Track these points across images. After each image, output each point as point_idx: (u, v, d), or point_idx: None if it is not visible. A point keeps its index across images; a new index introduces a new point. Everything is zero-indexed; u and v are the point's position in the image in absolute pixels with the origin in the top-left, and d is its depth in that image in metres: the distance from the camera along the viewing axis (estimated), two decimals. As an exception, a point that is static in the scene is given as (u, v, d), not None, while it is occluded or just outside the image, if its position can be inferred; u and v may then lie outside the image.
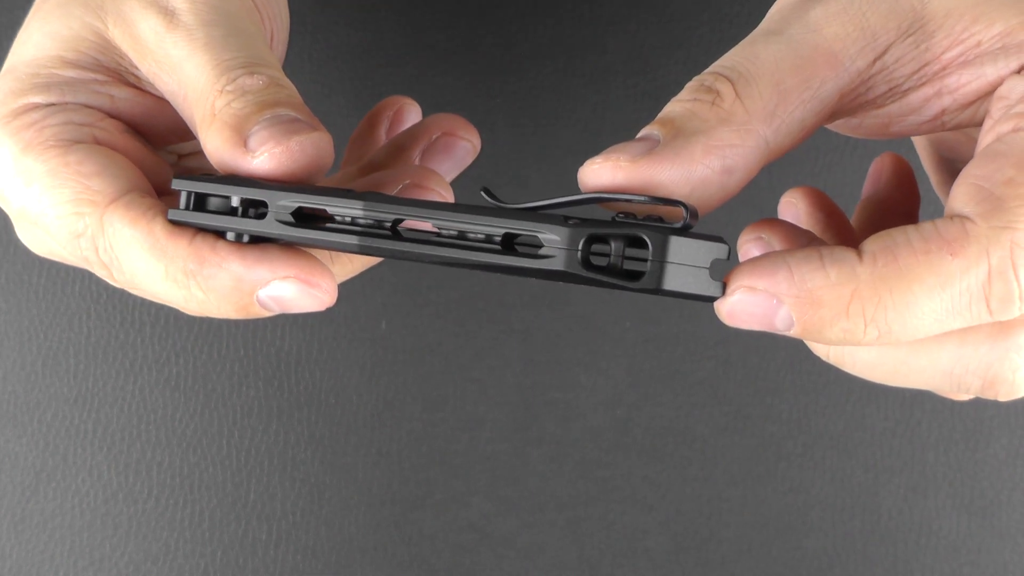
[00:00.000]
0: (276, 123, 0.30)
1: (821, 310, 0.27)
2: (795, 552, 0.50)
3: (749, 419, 0.50)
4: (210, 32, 0.31)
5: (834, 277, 0.26)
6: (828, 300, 0.26)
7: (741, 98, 0.29)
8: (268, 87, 0.31)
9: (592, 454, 0.50)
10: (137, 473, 0.50)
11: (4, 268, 0.50)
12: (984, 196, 0.27)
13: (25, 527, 0.50)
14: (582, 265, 0.27)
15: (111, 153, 0.32)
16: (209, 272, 0.30)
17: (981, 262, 0.26)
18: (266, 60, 0.32)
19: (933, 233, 0.27)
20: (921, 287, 0.26)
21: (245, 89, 0.30)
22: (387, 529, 0.50)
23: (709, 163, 0.29)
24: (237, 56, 0.31)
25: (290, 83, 0.32)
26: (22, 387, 0.50)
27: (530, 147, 0.50)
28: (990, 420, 0.50)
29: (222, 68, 0.31)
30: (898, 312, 0.26)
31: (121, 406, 0.50)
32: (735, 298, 0.28)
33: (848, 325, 0.27)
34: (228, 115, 0.30)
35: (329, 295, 0.31)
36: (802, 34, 0.30)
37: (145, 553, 0.50)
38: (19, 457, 0.50)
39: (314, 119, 0.31)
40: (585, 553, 0.50)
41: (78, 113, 0.33)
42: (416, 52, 0.50)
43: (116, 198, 0.31)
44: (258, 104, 0.30)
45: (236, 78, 0.31)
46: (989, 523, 0.50)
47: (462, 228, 0.29)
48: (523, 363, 0.50)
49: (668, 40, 0.50)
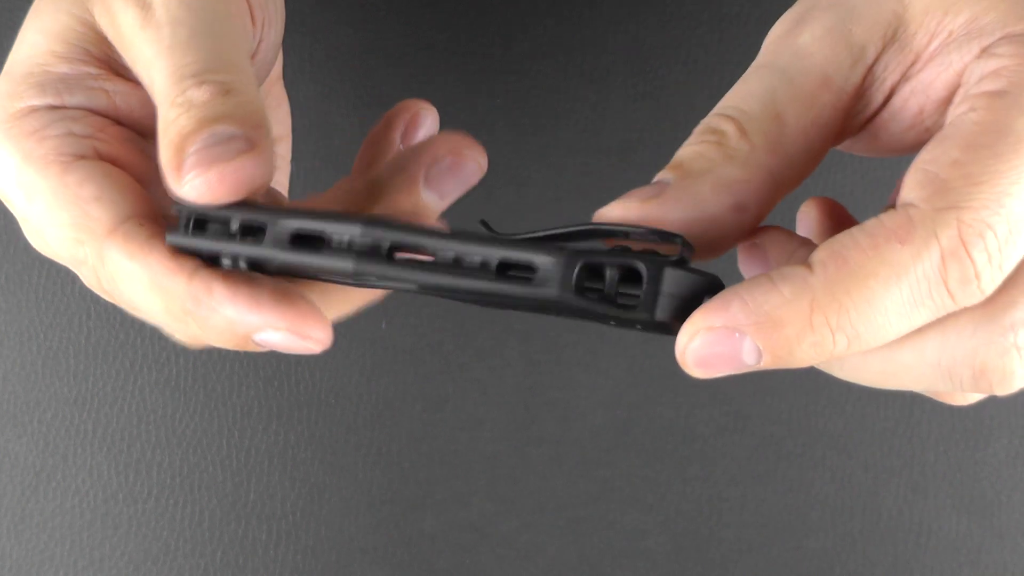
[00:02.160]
0: (209, 145, 0.29)
1: (784, 330, 0.26)
2: (795, 552, 0.50)
3: (749, 419, 0.50)
4: (175, 32, 0.31)
5: (788, 293, 0.26)
6: (788, 318, 0.26)
7: (745, 134, 0.29)
8: (213, 99, 0.29)
9: (592, 454, 0.50)
10: (137, 473, 0.50)
11: (4, 268, 0.50)
12: (929, 180, 0.27)
13: (25, 527, 0.50)
14: (575, 293, 0.27)
15: (112, 172, 0.32)
16: (204, 314, 0.30)
17: (931, 245, 0.26)
18: (225, 63, 0.31)
19: (878, 227, 0.26)
20: (877, 282, 0.26)
21: (192, 103, 0.29)
22: (387, 529, 0.50)
23: (719, 201, 0.29)
24: (194, 62, 0.30)
25: (247, 86, 0.30)
26: (22, 387, 0.50)
27: (530, 147, 0.50)
28: (990, 420, 0.50)
29: (177, 76, 0.30)
30: (861, 313, 0.26)
31: (121, 406, 0.50)
32: (696, 343, 0.27)
33: (815, 339, 0.26)
34: (173, 132, 0.30)
35: (321, 344, 0.30)
36: (794, 62, 0.30)
37: (145, 553, 0.50)
38: (19, 457, 0.50)
39: (258, 130, 0.29)
40: (585, 553, 0.50)
41: (79, 122, 0.32)
42: (416, 52, 0.50)
43: (115, 227, 0.30)
44: (199, 121, 0.29)
45: (186, 89, 0.30)
46: (989, 523, 0.50)
47: (458, 253, 0.29)
48: (523, 363, 0.50)
49: (668, 40, 0.50)
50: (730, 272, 0.30)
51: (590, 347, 0.50)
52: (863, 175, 0.50)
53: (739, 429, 0.50)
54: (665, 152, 0.50)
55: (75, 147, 0.32)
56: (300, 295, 0.30)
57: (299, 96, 0.44)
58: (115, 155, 0.32)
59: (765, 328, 0.26)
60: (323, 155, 0.50)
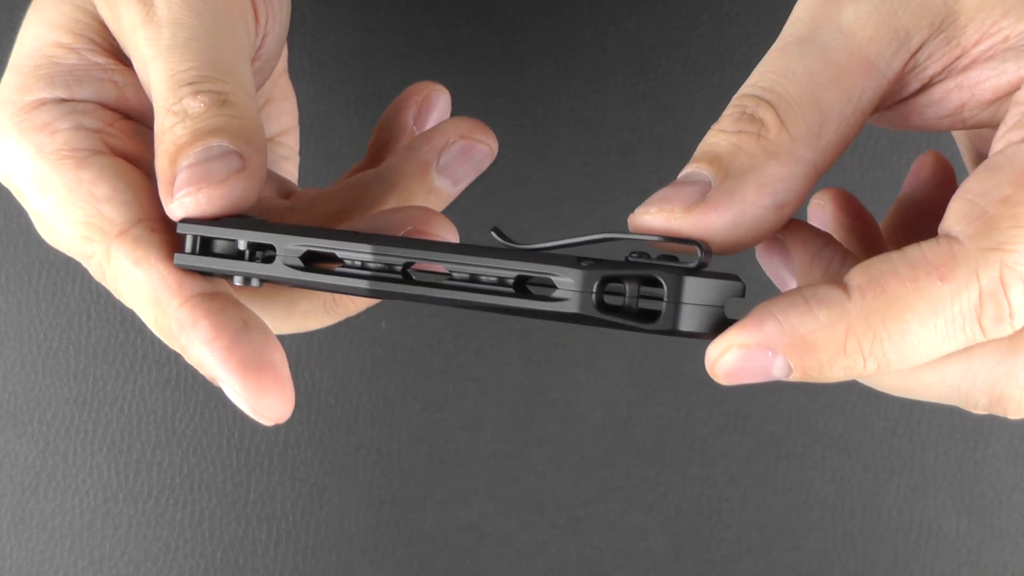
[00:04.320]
0: (201, 161, 0.29)
1: (818, 353, 0.26)
2: (795, 552, 0.50)
3: (749, 419, 0.50)
4: (175, 34, 0.30)
5: (824, 318, 0.26)
6: (823, 342, 0.26)
7: (786, 125, 0.28)
8: (208, 111, 0.29)
9: (592, 454, 0.50)
10: (137, 473, 0.50)
11: (4, 268, 0.50)
12: (977, 215, 0.26)
13: (25, 527, 0.50)
14: (597, 308, 0.27)
15: (125, 170, 0.31)
16: (183, 343, 0.30)
17: (972, 286, 0.26)
18: (223, 70, 0.30)
19: (920, 258, 0.26)
20: (913, 315, 0.26)
21: (187, 112, 0.29)
22: (387, 529, 0.50)
23: (762, 202, 0.28)
24: (192, 67, 0.30)
25: (243, 95, 0.30)
26: (22, 387, 0.50)
27: (530, 147, 0.50)
28: (990, 420, 0.50)
29: (173, 82, 0.30)
30: (894, 343, 0.26)
31: (121, 406, 0.50)
32: (728, 358, 0.27)
33: (847, 363, 0.26)
34: (168, 142, 0.30)
35: (271, 422, 0.30)
36: (836, 40, 0.28)
37: (145, 553, 0.50)
38: (19, 457, 0.50)
39: (251, 145, 0.29)
40: (585, 553, 0.50)
41: (89, 116, 0.32)
42: (416, 52, 0.50)
43: (125, 230, 0.30)
44: (193, 133, 0.29)
45: (182, 97, 0.30)
46: (989, 523, 0.50)
47: (474, 271, 0.28)
48: (523, 363, 0.50)
49: (668, 40, 0.50)
50: (739, 264, 0.30)
51: (590, 347, 0.50)
52: (863, 174, 0.50)
53: (739, 429, 0.50)
54: (665, 152, 0.50)
55: (87, 142, 0.32)
56: (278, 368, 0.30)
57: (300, 95, 0.44)
58: (126, 150, 0.32)
59: (799, 350, 0.26)
60: (324, 154, 0.50)
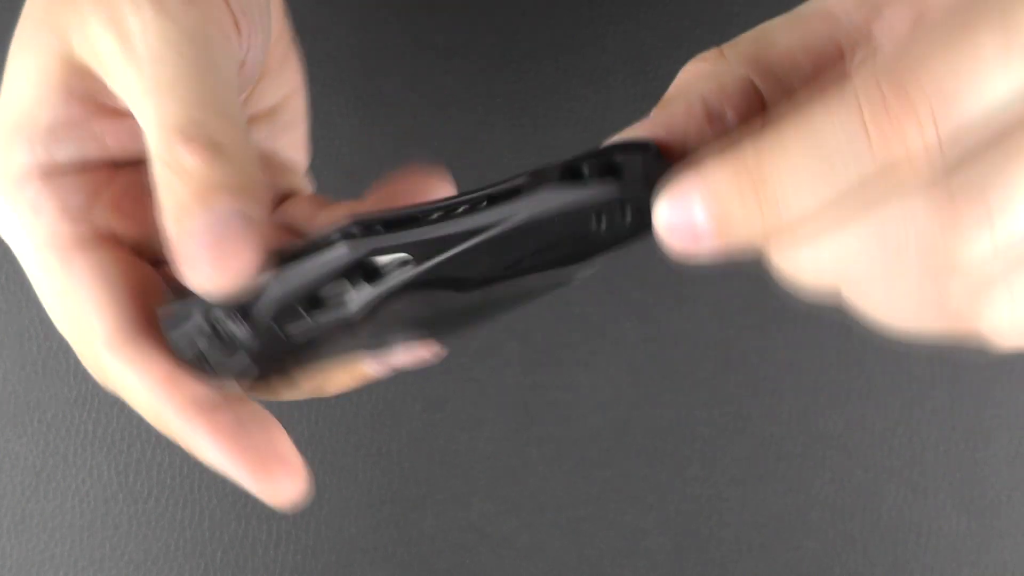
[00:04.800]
0: (210, 232, 0.29)
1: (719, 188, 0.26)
2: (795, 552, 0.50)
3: (749, 419, 0.50)
4: (158, 72, 0.30)
5: (723, 153, 0.26)
6: (720, 177, 0.26)
7: (723, 54, 0.30)
8: (205, 165, 0.29)
9: (592, 454, 0.50)
10: (137, 473, 0.50)
11: (4, 268, 0.50)
12: (870, 59, 0.26)
13: (25, 527, 0.50)
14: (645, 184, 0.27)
15: (110, 267, 0.32)
16: (187, 444, 0.31)
17: (857, 93, 0.24)
18: (213, 110, 0.30)
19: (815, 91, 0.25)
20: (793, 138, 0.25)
21: (183, 167, 0.29)
22: (387, 529, 0.50)
23: (692, 114, 0.29)
24: (179, 111, 0.29)
25: (236, 136, 0.30)
26: (22, 387, 0.50)
27: (530, 147, 0.50)
28: (990, 420, 0.50)
29: (164, 129, 0.29)
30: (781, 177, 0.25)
31: (121, 406, 0.50)
32: (662, 212, 0.27)
33: (743, 205, 0.25)
34: (171, 203, 0.29)
35: (287, 504, 0.32)
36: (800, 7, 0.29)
37: (145, 553, 0.50)
38: (19, 457, 0.50)
39: (254, 197, 0.29)
40: (585, 553, 0.50)
41: (74, 190, 0.32)
42: (416, 52, 0.50)
43: (111, 337, 0.31)
44: (194, 194, 0.29)
45: (175, 147, 0.29)
46: (989, 523, 0.50)
47: (444, 211, 0.29)
48: (523, 363, 0.50)
49: (668, 40, 0.50)
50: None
51: (590, 347, 0.50)
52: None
53: (739, 429, 0.50)
54: (665, 152, 0.50)
55: (72, 227, 0.32)
56: (283, 456, 0.31)
57: (299, 96, 0.44)
58: (115, 222, 0.32)
59: (705, 188, 0.26)
60: (323, 154, 0.50)
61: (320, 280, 0.29)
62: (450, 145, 0.50)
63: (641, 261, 0.50)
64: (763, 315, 0.50)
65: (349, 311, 0.29)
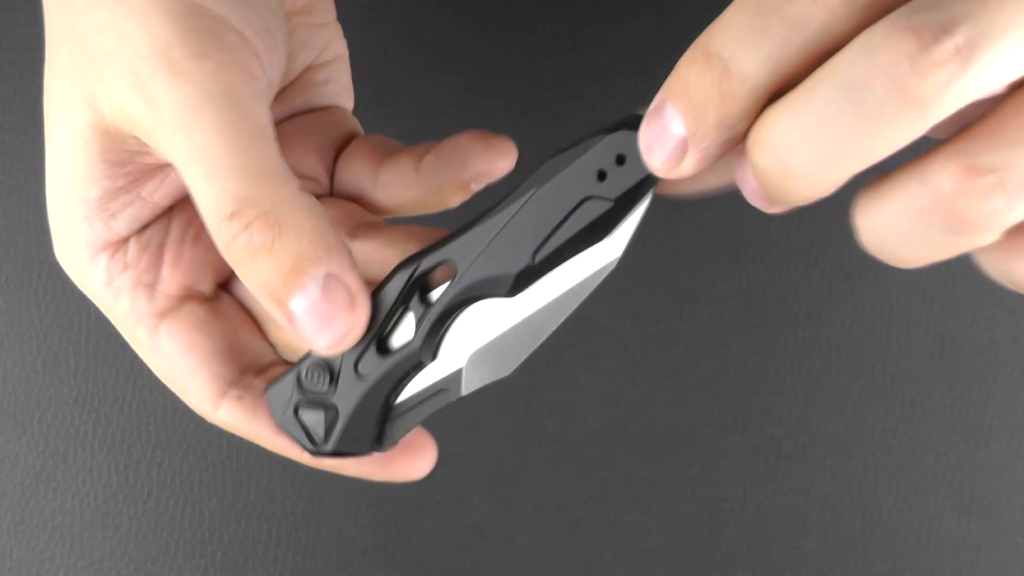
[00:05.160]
0: (312, 304, 0.29)
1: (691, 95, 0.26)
2: (795, 552, 0.50)
3: (749, 419, 0.50)
4: (191, 141, 0.29)
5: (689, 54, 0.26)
6: (678, 73, 0.27)
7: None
8: (273, 243, 0.29)
9: (592, 454, 0.50)
10: (137, 473, 0.50)
11: (4, 268, 0.50)
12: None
13: (25, 527, 0.50)
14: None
15: (192, 329, 0.33)
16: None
17: None
18: (258, 176, 0.29)
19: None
20: (730, 10, 0.26)
21: (252, 247, 0.29)
22: (387, 529, 0.50)
23: None
24: (225, 188, 0.29)
25: (287, 194, 0.30)
26: (22, 387, 0.50)
27: (530, 147, 0.50)
28: (990, 420, 0.50)
29: (216, 213, 0.29)
30: (725, 44, 0.26)
31: (121, 406, 0.50)
32: (643, 129, 0.28)
33: (700, 85, 0.26)
34: (258, 286, 0.30)
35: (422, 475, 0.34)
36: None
37: (145, 553, 0.50)
38: (19, 457, 0.50)
39: (331, 248, 0.29)
40: (585, 553, 0.50)
41: (140, 263, 0.33)
42: (416, 52, 0.50)
43: (216, 403, 0.33)
44: (280, 278, 0.29)
45: (235, 232, 0.29)
46: (989, 523, 0.50)
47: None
48: (523, 363, 0.50)
49: (668, 40, 0.50)
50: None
51: (590, 347, 0.50)
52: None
53: (739, 429, 0.50)
54: (665, 152, 0.50)
55: (149, 303, 0.33)
56: (414, 448, 0.34)
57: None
58: (181, 270, 0.33)
59: (667, 90, 0.27)
60: (323, 155, 0.50)
61: (381, 314, 0.31)
62: (450, 145, 0.50)
63: (641, 261, 0.50)
64: (763, 315, 0.50)
65: (412, 342, 0.31)
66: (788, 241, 0.50)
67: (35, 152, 0.49)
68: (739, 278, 0.50)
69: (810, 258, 0.50)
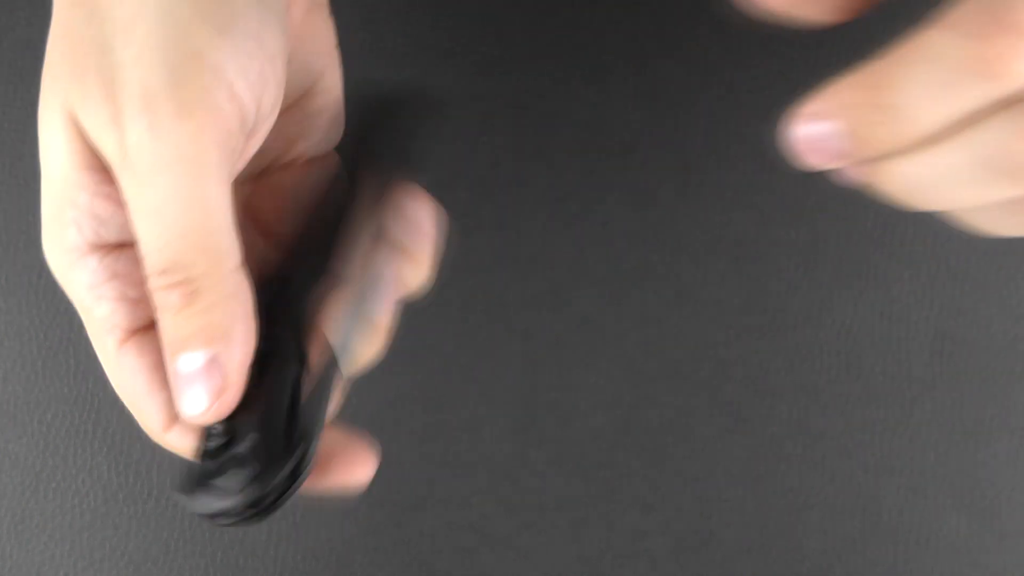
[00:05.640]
0: (188, 375, 0.32)
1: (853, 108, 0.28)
2: (795, 552, 0.50)
3: (749, 420, 0.50)
4: (148, 195, 0.31)
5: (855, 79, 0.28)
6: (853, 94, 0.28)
7: None
8: (185, 307, 0.31)
9: (592, 454, 0.50)
10: (137, 473, 0.50)
11: (4, 268, 0.50)
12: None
13: (25, 527, 0.50)
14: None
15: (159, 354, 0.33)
16: None
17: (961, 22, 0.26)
18: (195, 244, 0.31)
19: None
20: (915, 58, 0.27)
21: (167, 305, 0.32)
22: (387, 529, 0.50)
23: None
24: (164, 246, 0.31)
25: (215, 272, 0.32)
26: (22, 387, 0.50)
27: (530, 147, 0.50)
28: (990, 420, 0.50)
29: (150, 265, 0.31)
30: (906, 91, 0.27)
31: (121, 406, 0.50)
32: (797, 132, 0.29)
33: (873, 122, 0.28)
34: (162, 336, 0.32)
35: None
36: None
37: (145, 553, 0.50)
38: (19, 457, 0.50)
39: (225, 342, 0.32)
40: (585, 553, 0.50)
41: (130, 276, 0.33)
42: (416, 52, 0.50)
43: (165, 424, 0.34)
44: (176, 338, 0.32)
45: (158, 288, 0.31)
46: (989, 523, 0.50)
47: None
48: (523, 363, 0.50)
49: (668, 40, 0.50)
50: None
51: (590, 347, 0.50)
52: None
53: (739, 430, 0.50)
54: (665, 152, 0.50)
55: (129, 318, 0.33)
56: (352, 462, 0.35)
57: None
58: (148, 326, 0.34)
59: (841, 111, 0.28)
60: (323, 155, 0.50)
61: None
62: (450, 145, 0.50)
63: (641, 261, 0.50)
64: (763, 316, 0.50)
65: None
66: (788, 241, 0.50)
67: (35, 152, 0.49)
68: (739, 278, 0.50)
69: (810, 258, 0.50)
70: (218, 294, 0.31)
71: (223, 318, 0.32)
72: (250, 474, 0.31)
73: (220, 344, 0.32)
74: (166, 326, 0.32)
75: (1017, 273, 0.50)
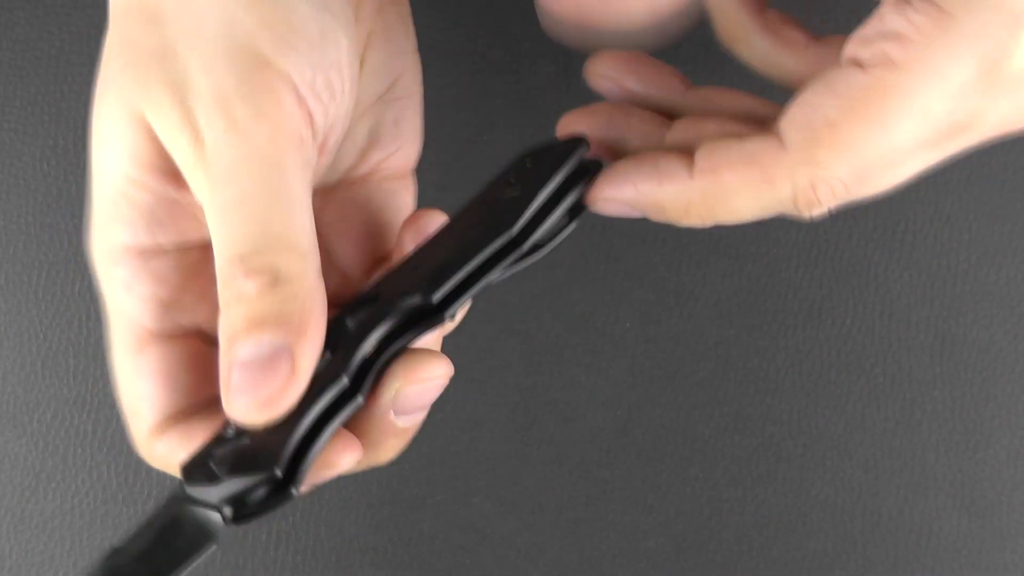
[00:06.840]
0: (251, 364, 0.29)
1: (666, 213, 0.33)
2: (795, 552, 0.50)
3: (749, 420, 0.50)
4: (228, 193, 0.29)
5: (672, 192, 0.33)
6: (669, 207, 0.33)
7: None
8: (260, 296, 0.29)
9: (592, 454, 0.50)
10: (137, 473, 0.50)
11: (4, 268, 0.50)
12: (805, 129, 0.31)
13: (25, 527, 0.50)
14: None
15: (178, 363, 0.33)
16: None
17: (788, 187, 0.31)
18: (276, 235, 0.29)
19: (753, 157, 0.32)
20: (740, 200, 0.32)
21: (241, 295, 0.29)
22: (387, 529, 0.50)
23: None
24: (246, 238, 0.29)
25: (299, 266, 0.30)
26: (22, 387, 0.50)
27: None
28: (990, 420, 0.50)
29: (228, 253, 0.30)
30: (725, 212, 0.33)
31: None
32: (600, 206, 0.34)
33: (690, 220, 0.33)
34: (227, 326, 0.30)
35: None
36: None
37: (145, 553, 0.50)
38: (19, 457, 0.50)
39: (301, 334, 0.29)
40: (585, 553, 0.50)
41: (167, 281, 0.32)
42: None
43: (157, 426, 0.33)
44: (246, 322, 0.29)
45: (236, 275, 0.29)
46: (989, 523, 0.50)
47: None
48: (523, 363, 0.50)
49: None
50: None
51: (590, 347, 0.50)
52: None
53: (739, 429, 0.50)
54: (665, 152, 0.50)
55: (156, 322, 0.32)
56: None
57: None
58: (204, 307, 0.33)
59: (651, 208, 0.33)
60: (323, 155, 0.50)
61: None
62: (450, 145, 0.50)
63: (641, 261, 0.50)
64: (763, 315, 0.50)
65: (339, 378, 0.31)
66: (788, 241, 0.50)
67: (35, 152, 0.49)
68: (739, 278, 0.50)
69: (810, 258, 0.50)
70: (300, 286, 0.30)
71: (303, 310, 0.29)
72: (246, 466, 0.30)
73: (294, 335, 0.29)
74: (236, 313, 0.29)
75: (1017, 273, 0.50)
